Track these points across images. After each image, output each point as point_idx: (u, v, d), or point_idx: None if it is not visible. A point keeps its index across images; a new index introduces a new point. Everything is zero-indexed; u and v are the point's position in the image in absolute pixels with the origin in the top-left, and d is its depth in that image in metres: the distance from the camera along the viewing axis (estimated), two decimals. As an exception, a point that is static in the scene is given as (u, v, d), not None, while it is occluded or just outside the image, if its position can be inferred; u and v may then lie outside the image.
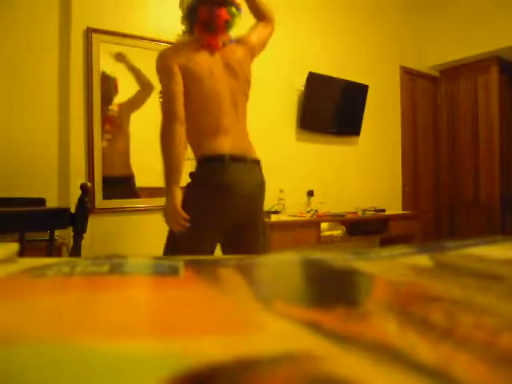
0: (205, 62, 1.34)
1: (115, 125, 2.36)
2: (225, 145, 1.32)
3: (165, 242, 1.37)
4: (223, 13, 1.34)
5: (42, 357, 0.11)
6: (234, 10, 1.36)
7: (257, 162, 1.40)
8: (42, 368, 0.10)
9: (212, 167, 1.31)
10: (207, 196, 1.30)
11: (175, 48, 1.38)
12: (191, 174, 1.37)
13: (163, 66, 1.31)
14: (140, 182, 2.44)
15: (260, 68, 3.06)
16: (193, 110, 1.33)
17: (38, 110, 2.17)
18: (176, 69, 1.29)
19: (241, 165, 1.32)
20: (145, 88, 2.42)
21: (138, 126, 2.44)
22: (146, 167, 2.47)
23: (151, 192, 2.45)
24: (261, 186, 1.41)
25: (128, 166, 2.40)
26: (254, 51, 1.50)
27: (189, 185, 1.37)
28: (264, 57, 2.95)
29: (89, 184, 1.23)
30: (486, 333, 0.13)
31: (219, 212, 1.31)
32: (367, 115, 3.43)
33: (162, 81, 1.33)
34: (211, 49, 1.37)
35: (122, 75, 2.42)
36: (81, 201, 1.16)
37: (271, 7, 1.52)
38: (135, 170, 2.43)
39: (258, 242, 1.41)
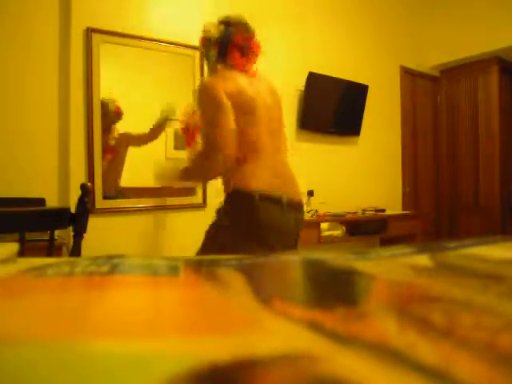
0: (249, 88, 1.27)
1: (113, 153, 2.37)
2: (265, 181, 1.22)
3: (200, 247, 1.28)
4: (254, 41, 1.35)
5: (42, 357, 0.11)
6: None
7: (299, 204, 1.34)
8: (42, 368, 0.10)
9: (269, 208, 1.20)
10: (254, 232, 1.20)
11: (221, 74, 1.28)
12: (224, 212, 1.24)
13: (212, 96, 1.19)
14: (140, 182, 2.44)
15: (260, 68, 3.06)
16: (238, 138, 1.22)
17: (38, 110, 2.17)
18: (225, 98, 1.18)
19: (294, 213, 1.26)
20: (153, 137, 2.43)
21: (138, 130, 2.44)
22: (147, 168, 2.47)
23: (151, 192, 2.46)
24: (297, 230, 1.34)
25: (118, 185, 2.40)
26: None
27: (232, 210, 1.23)
28: (264, 57, 2.96)
29: (89, 184, 1.23)
30: (485, 333, 0.13)
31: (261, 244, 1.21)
32: (367, 115, 3.43)
33: (207, 111, 1.22)
34: (249, 74, 1.31)
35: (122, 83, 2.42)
36: (81, 201, 1.16)
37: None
38: (135, 170, 2.43)
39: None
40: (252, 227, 1.20)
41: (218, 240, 1.22)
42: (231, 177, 1.24)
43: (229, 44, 1.30)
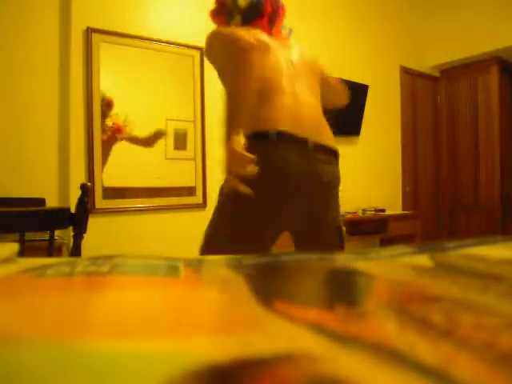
0: (269, 43, 1.15)
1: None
2: (278, 117, 0.99)
3: (202, 241, 1.04)
4: (282, 9, 1.31)
5: (42, 357, 0.11)
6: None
7: (329, 151, 1.06)
8: (42, 368, 0.10)
9: (257, 148, 0.93)
10: (259, 191, 0.93)
11: (231, 28, 1.11)
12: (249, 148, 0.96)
13: (231, 41, 1.01)
14: (140, 182, 2.44)
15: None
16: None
17: (38, 110, 2.17)
18: (248, 45, 0.98)
19: (294, 146, 0.98)
20: None
21: (138, 130, 2.44)
22: (146, 167, 2.47)
23: (151, 192, 2.46)
24: (331, 182, 1.06)
25: None
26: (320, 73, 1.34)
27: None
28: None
29: (89, 184, 1.23)
30: (485, 333, 0.13)
31: (268, 216, 0.99)
32: (367, 115, 3.43)
33: (225, 58, 1.03)
34: (276, 35, 1.23)
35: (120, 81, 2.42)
36: (81, 201, 1.16)
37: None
38: (135, 170, 2.43)
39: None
40: (269, 180, 0.95)
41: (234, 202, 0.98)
42: (247, 118, 0.98)
43: (258, 13, 1.19)
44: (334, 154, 1.08)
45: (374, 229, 3.08)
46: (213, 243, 1.01)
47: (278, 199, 0.98)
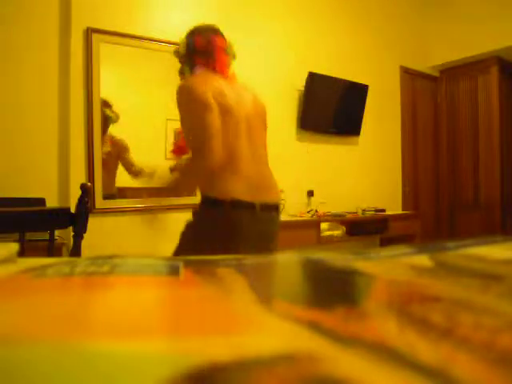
0: (230, 92, 1.23)
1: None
2: (237, 188, 1.19)
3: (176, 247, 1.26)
4: (218, 39, 1.30)
5: (42, 357, 0.11)
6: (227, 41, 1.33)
7: (273, 207, 1.28)
8: (42, 368, 0.10)
9: (241, 214, 1.18)
10: (224, 238, 1.18)
11: (200, 76, 1.25)
12: (197, 214, 1.24)
13: (195, 96, 1.15)
14: (140, 182, 2.44)
15: (260, 68, 3.06)
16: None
17: (38, 110, 2.17)
18: (211, 99, 1.14)
19: (269, 214, 1.23)
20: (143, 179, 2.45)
21: (139, 127, 2.44)
22: (146, 167, 2.47)
23: (151, 192, 2.45)
24: (272, 235, 1.30)
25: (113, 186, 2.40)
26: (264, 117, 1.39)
27: (205, 215, 1.23)
28: (264, 56, 2.96)
29: (89, 184, 1.23)
30: (485, 333, 0.13)
31: (230, 250, 1.16)
32: (367, 115, 3.43)
33: (192, 112, 1.17)
34: (223, 73, 1.29)
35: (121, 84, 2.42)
36: (81, 201, 1.16)
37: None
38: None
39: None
40: (223, 234, 1.18)
41: (192, 242, 1.21)
42: (207, 182, 1.23)
43: (193, 53, 1.29)
44: (276, 209, 1.30)
45: (373, 229, 3.08)
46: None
47: (247, 245, 1.17)
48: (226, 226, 1.18)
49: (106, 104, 2.32)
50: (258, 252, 1.15)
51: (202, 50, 1.28)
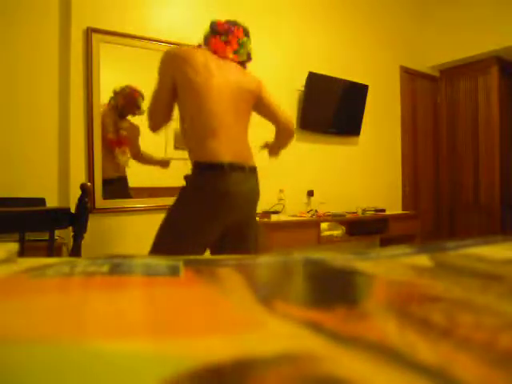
0: (206, 64, 1.36)
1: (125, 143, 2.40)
2: (223, 151, 1.31)
3: (153, 240, 1.36)
4: (240, 31, 1.47)
5: (41, 357, 0.11)
6: (246, 38, 1.50)
7: (254, 170, 1.41)
8: (42, 368, 0.10)
9: (210, 175, 1.30)
10: (202, 203, 1.29)
11: (181, 47, 1.46)
12: (186, 177, 1.37)
13: (162, 66, 1.39)
14: (140, 182, 2.44)
15: (260, 68, 3.06)
16: (191, 110, 1.34)
17: (38, 110, 2.17)
18: (170, 69, 1.36)
19: (240, 174, 1.32)
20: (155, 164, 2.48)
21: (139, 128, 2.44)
22: (146, 167, 2.47)
23: (151, 192, 2.46)
24: (256, 193, 1.43)
25: (119, 168, 2.41)
26: (259, 98, 1.50)
27: (184, 188, 1.36)
28: (264, 56, 2.96)
29: (89, 184, 1.23)
30: (486, 333, 0.13)
31: (213, 219, 1.31)
32: (367, 115, 3.43)
33: (159, 73, 1.40)
34: (219, 54, 1.42)
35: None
36: (81, 201, 1.16)
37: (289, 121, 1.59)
38: (135, 170, 2.43)
39: (247, 247, 1.42)
40: (195, 192, 1.31)
41: (180, 207, 1.33)
42: (189, 150, 1.40)
43: (210, 32, 1.47)
44: (256, 172, 1.43)
45: (374, 229, 3.08)
46: (162, 236, 1.33)
47: (223, 207, 1.30)
48: (192, 189, 1.32)
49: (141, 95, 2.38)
50: (245, 214, 1.27)
51: (220, 31, 1.45)
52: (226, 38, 1.44)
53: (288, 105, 3.11)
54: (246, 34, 1.50)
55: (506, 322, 0.14)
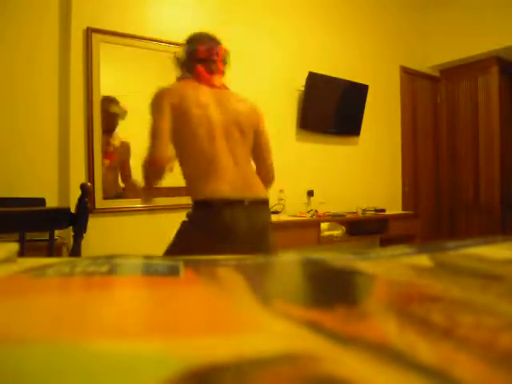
0: (199, 99, 1.31)
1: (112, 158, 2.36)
2: (219, 187, 1.26)
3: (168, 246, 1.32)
4: (221, 51, 1.40)
5: (42, 357, 0.11)
6: (226, 52, 1.43)
7: (260, 202, 1.34)
8: (42, 368, 0.10)
9: (205, 211, 1.26)
10: (200, 238, 1.25)
11: (170, 86, 1.35)
12: (188, 215, 1.32)
13: (155, 103, 1.29)
14: (140, 182, 2.44)
15: (260, 68, 3.06)
16: (187, 151, 1.30)
17: (38, 109, 2.17)
18: (167, 107, 1.26)
19: (236, 208, 1.26)
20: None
21: (138, 127, 2.44)
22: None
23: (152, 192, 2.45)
24: (262, 226, 1.34)
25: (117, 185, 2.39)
26: (256, 131, 1.43)
27: (182, 223, 1.32)
28: (264, 56, 2.96)
29: (89, 184, 1.23)
30: (486, 333, 0.13)
31: (208, 251, 1.25)
32: (367, 115, 3.43)
33: (152, 117, 1.30)
34: (209, 83, 1.36)
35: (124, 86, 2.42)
36: (81, 201, 1.16)
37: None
38: (136, 171, 2.43)
39: None
40: (193, 227, 1.27)
41: (183, 241, 1.28)
42: (188, 189, 1.34)
43: (192, 59, 1.38)
44: (265, 203, 1.37)
45: (374, 229, 3.08)
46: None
47: (222, 243, 1.24)
48: (214, 224, 1.26)
49: (112, 101, 2.31)
50: (250, 247, 1.16)
51: (201, 58, 1.37)
52: (209, 64, 1.37)
53: (288, 105, 3.11)
54: (226, 51, 1.43)
55: (505, 322, 0.14)
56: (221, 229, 1.24)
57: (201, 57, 1.37)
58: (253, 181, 1.36)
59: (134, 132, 2.44)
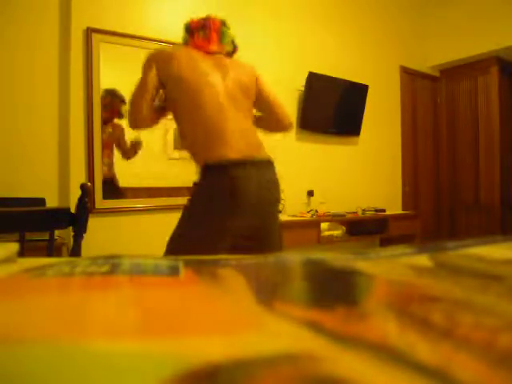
0: (196, 61, 1.33)
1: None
2: (225, 150, 1.25)
3: (168, 241, 1.31)
4: (215, 22, 1.45)
5: (42, 357, 0.11)
6: (225, 28, 1.48)
7: (266, 163, 1.33)
8: (42, 368, 0.10)
9: (215, 175, 1.24)
10: (211, 204, 1.24)
11: (163, 49, 1.40)
12: (195, 184, 1.31)
13: (145, 62, 1.34)
14: (140, 182, 2.44)
15: (260, 68, 3.06)
16: (188, 111, 1.30)
17: (38, 109, 2.17)
18: (153, 66, 1.31)
19: (243, 169, 1.25)
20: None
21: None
22: (146, 168, 2.47)
23: (151, 192, 2.45)
24: (273, 188, 1.33)
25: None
26: (257, 90, 1.46)
27: (193, 193, 1.31)
28: (264, 56, 2.96)
29: (89, 184, 1.23)
30: (485, 333, 0.13)
31: (225, 218, 1.25)
32: (367, 115, 3.43)
33: (143, 71, 1.35)
34: (203, 49, 1.39)
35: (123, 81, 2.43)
36: (81, 201, 1.16)
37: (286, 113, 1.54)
38: (135, 171, 2.43)
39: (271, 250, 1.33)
40: (203, 194, 1.26)
41: (191, 212, 1.28)
42: (192, 154, 1.34)
43: (188, 32, 1.44)
44: (270, 162, 1.35)
45: (374, 229, 3.08)
46: (175, 240, 1.28)
47: (233, 206, 1.23)
48: (200, 192, 1.27)
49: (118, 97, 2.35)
50: (259, 211, 1.20)
51: (196, 26, 1.43)
52: (203, 33, 1.41)
53: (288, 105, 3.11)
54: (224, 24, 1.48)
55: (506, 322, 0.14)
56: (235, 189, 1.22)
57: (194, 26, 1.42)
58: (258, 143, 1.36)
59: (134, 132, 2.44)
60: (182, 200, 2.57)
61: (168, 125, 2.51)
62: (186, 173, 2.60)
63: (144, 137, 2.46)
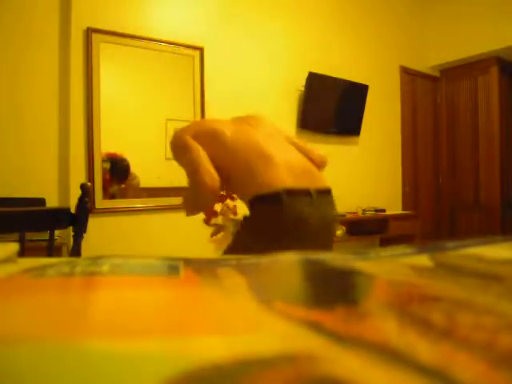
0: (225, 124, 1.25)
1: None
2: (281, 178, 1.12)
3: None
4: None
5: (42, 357, 0.11)
6: None
7: (324, 192, 1.23)
8: (42, 368, 0.10)
9: (268, 207, 1.10)
10: (264, 242, 1.10)
11: (186, 126, 1.30)
12: (245, 218, 1.18)
13: (177, 143, 1.21)
14: (140, 182, 2.44)
15: (260, 68, 3.06)
16: (232, 168, 1.17)
17: (38, 109, 2.17)
18: (190, 139, 1.17)
19: (304, 199, 1.13)
20: None
21: (138, 130, 2.44)
22: (146, 168, 2.47)
23: (151, 192, 2.46)
24: (330, 219, 1.22)
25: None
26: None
27: (241, 230, 1.19)
28: (264, 57, 2.96)
29: (89, 184, 1.23)
30: (486, 333, 0.13)
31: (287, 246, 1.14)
32: (367, 115, 3.43)
33: (180, 158, 1.21)
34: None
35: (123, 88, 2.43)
36: (81, 201, 1.16)
37: None
38: (136, 171, 2.43)
39: None
40: (255, 232, 1.13)
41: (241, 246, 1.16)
42: (241, 195, 1.22)
43: None
44: (329, 192, 1.29)
45: (374, 229, 3.08)
46: None
47: (287, 242, 1.08)
48: (251, 228, 1.13)
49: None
50: (319, 239, 1.11)
51: None
52: None
53: (288, 105, 3.11)
54: None
55: (506, 322, 0.14)
56: (291, 225, 1.09)
57: None
58: (313, 170, 1.27)
59: (134, 132, 2.44)
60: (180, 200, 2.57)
61: (168, 125, 2.51)
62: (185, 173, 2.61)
63: (144, 137, 2.46)
